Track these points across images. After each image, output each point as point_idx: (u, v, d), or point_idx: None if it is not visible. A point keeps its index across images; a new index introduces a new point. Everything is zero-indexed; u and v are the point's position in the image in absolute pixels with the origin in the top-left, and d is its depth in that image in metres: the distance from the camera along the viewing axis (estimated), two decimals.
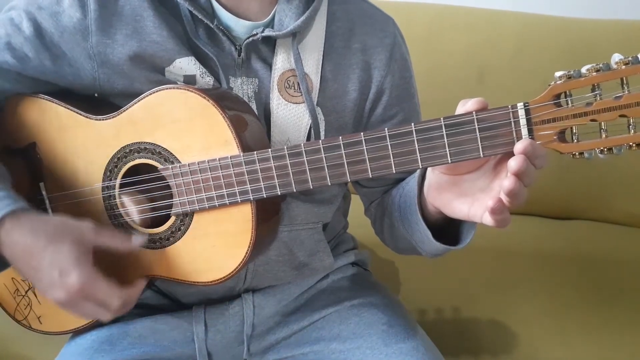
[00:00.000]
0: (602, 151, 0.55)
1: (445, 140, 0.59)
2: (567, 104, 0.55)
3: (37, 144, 0.76)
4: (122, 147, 0.71)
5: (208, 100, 0.66)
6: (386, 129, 0.60)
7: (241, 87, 0.75)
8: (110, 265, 0.68)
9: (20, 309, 0.81)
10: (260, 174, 0.66)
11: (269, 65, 0.76)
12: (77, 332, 0.81)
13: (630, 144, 0.54)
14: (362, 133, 0.61)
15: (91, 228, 0.65)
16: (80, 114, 0.73)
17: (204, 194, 0.68)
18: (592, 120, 0.54)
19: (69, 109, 0.74)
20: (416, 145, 0.60)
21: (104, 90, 0.74)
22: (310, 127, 0.76)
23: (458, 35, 1.35)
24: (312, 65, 0.76)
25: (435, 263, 0.84)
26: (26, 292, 0.79)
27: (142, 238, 0.69)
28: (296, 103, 0.76)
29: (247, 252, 0.68)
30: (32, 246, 0.63)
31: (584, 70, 0.54)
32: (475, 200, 0.61)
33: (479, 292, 1.09)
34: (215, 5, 0.74)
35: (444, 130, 0.58)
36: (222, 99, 0.68)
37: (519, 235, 1.24)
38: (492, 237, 1.13)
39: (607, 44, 1.27)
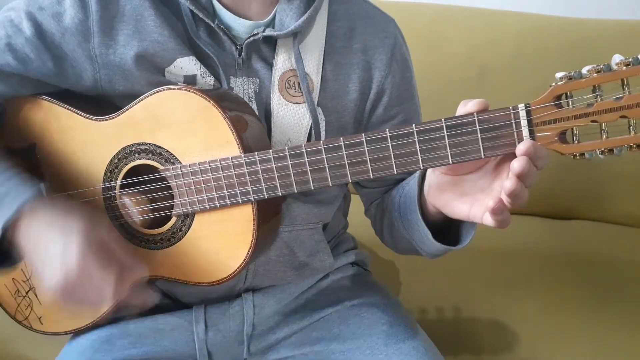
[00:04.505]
0: (602, 152, 0.55)
1: (447, 141, 0.59)
2: (568, 105, 0.55)
3: (37, 145, 0.76)
4: (123, 148, 0.71)
5: (209, 101, 0.66)
6: (387, 129, 0.60)
7: (242, 87, 0.75)
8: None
9: (21, 310, 0.80)
10: (261, 174, 0.66)
11: (269, 65, 0.76)
12: (78, 332, 0.81)
13: (631, 144, 0.54)
14: (363, 134, 0.61)
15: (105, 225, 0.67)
16: (81, 115, 0.73)
17: (204, 195, 0.68)
18: (593, 121, 0.54)
19: (69, 109, 0.74)
20: (417, 146, 0.60)
21: (105, 91, 0.74)
22: (310, 128, 0.76)
23: (458, 35, 1.35)
24: (313, 65, 0.76)
25: (435, 263, 0.84)
26: (27, 293, 0.79)
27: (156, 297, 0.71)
28: (297, 103, 0.76)
29: (248, 253, 0.68)
30: (45, 235, 0.63)
31: (584, 71, 0.54)
32: (475, 200, 0.61)
33: (479, 292, 1.09)
34: (216, 4, 0.73)
35: (445, 131, 0.58)
36: (222, 99, 0.68)
37: (519, 235, 1.24)
38: (492, 237, 1.14)
39: (608, 44, 1.27)
